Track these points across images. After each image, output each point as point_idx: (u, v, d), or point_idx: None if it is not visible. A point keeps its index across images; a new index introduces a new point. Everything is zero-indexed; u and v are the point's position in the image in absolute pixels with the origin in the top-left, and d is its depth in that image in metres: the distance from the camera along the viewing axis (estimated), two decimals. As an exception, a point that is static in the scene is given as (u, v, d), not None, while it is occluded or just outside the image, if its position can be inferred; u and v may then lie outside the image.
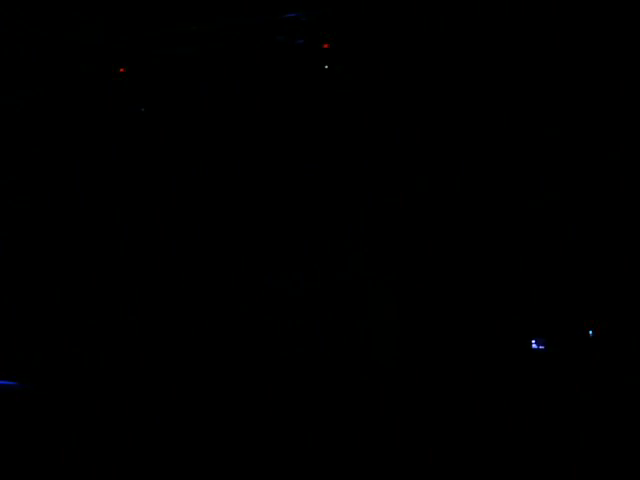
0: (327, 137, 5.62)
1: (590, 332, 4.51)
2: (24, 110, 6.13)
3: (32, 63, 5.98)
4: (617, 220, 4.86)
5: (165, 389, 4.26)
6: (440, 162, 5.49)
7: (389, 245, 5.27)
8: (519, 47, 5.28)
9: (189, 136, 5.66)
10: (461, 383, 4.63)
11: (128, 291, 5.33)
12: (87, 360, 4.30)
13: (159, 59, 5.79)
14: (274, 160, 5.55)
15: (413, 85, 5.51)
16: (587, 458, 2.18)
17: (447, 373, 4.69)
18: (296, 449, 3.79)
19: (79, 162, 6.14)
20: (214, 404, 4.15)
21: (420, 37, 5.45)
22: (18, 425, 3.84)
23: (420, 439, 3.78)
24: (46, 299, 5.18)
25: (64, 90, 6.06)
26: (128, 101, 5.82)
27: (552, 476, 2.26)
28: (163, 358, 4.65)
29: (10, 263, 5.43)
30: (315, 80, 5.60)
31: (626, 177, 4.93)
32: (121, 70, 5.69)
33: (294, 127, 5.66)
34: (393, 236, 5.26)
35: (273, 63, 5.67)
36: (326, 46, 5.57)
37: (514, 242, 5.11)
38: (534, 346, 4.81)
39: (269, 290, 5.36)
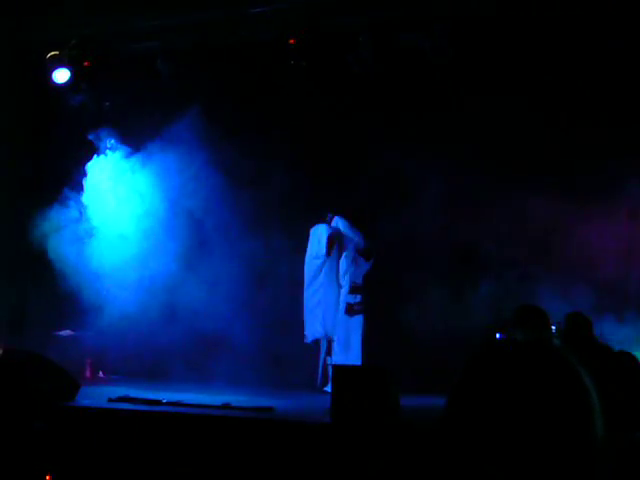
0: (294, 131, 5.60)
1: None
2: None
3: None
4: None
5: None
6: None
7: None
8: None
9: (152, 129, 5.57)
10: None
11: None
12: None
13: (123, 53, 5.71)
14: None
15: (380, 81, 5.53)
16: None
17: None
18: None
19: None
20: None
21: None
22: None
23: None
24: None
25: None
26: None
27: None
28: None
29: None
30: (281, 76, 5.55)
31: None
32: (85, 64, 5.59)
33: (261, 123, 5.61)
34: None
35: (238, 58, 5.61)
36: (292, 42, 5.52)
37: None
38: (498, 336, 4.89)
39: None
